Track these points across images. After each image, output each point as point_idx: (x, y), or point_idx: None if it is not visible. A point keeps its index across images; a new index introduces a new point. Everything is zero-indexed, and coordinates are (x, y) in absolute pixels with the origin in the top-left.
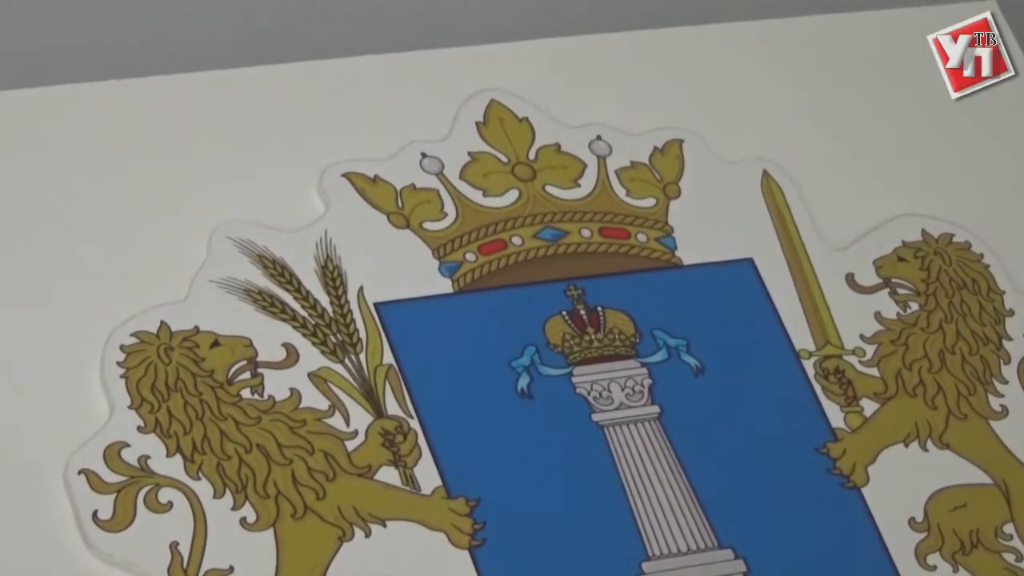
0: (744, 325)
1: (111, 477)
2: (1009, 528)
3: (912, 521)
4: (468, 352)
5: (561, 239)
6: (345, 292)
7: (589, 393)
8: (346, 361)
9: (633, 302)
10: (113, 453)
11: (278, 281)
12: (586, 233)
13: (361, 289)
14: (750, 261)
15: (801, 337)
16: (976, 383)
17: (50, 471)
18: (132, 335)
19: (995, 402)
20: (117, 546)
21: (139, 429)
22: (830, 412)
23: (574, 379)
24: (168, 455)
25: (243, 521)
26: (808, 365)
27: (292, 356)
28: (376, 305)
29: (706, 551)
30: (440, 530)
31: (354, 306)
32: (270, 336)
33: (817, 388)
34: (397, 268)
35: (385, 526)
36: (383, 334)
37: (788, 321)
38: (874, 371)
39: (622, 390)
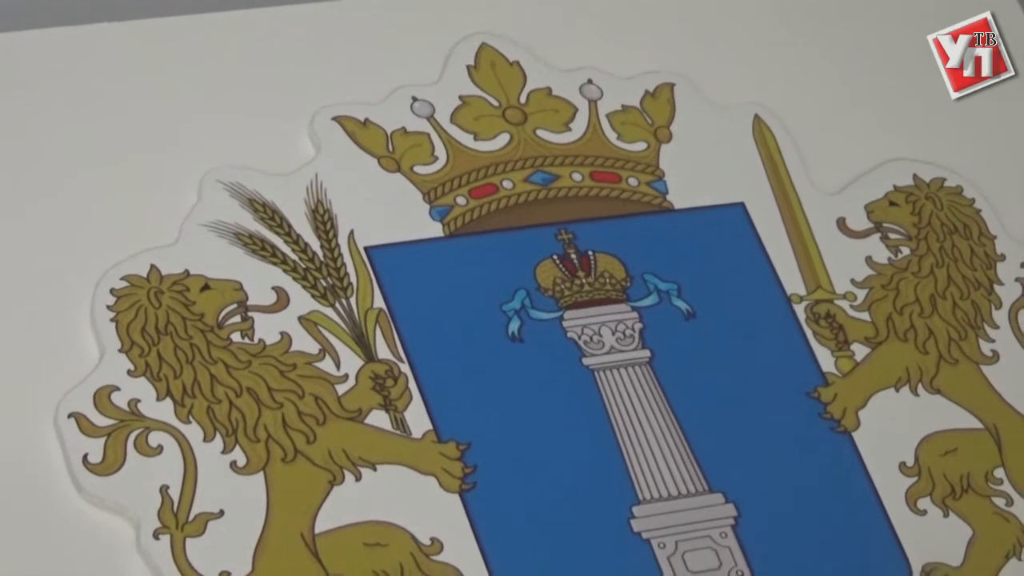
0: (735, 269)
1: (101, 421)
2: (999, 472)
3: (903, 466)
4: (459, 296)
5: (552, 183)
6: (336, 236)
7: (580, 337)
8: (336, 305)
9: (624, 246)
10: (103, 397)
11: (268, 225)
12: (577, 177)
13: (352, 233)
14: (741, 205)
15: (792, 282)
16: (967, 328)
17: (40, 415)
18: (122, 279)
19: (986, 347)
20: (107, 489)
21: (129, 373)
22: (821, 357)
23: (565, 323)
24: (158, 399)
25: (233, 465)
26: (799, 309)
27: (282, 300)
28: (367, 249)
29: (696, 495)
30: (431, 474)
31: (344, 250)
32: (260, 280)
33: (808, 332)
34: (388, 212)
35: (375, 470)
36: (373, 278)
37: (779, 265)
38: (865, 316)
39: (613, 334)
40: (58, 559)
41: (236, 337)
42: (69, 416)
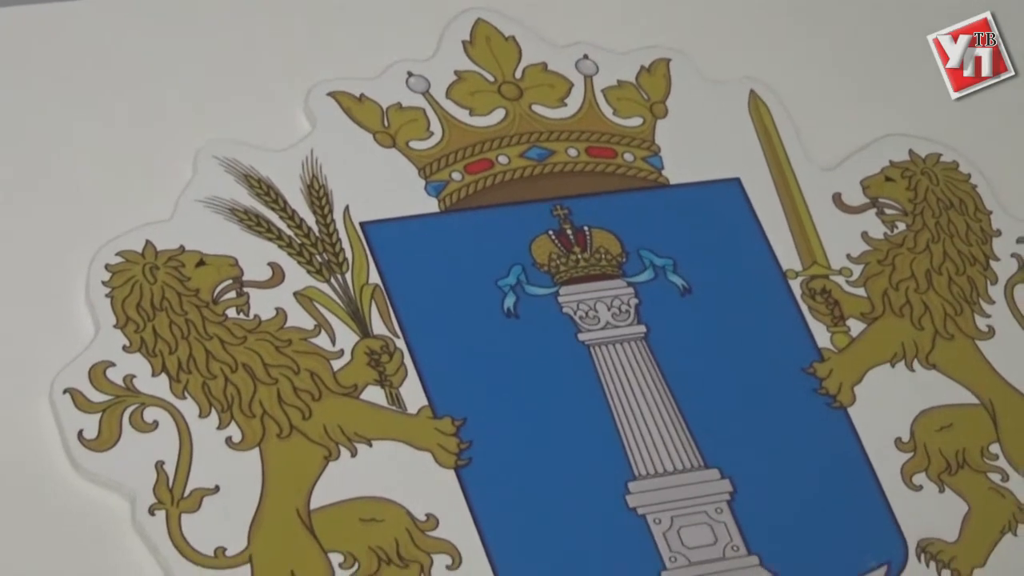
0: (731, 245)
1: (96, 396)
2: (995, 448)
3: (898, 441)
4: (454, 271)
5: (548, 158)
6: (331, 211)
7: (575, 313)
8: (332, 280)
9: (620, 222)
10: (98, 372)
11: (264, 200)
12: (573, 152)
13: (347, 208)
14: (737, 181)
15: (788, 257)
16: (963, 303)
17: (35, 391)
18: (117, 254)
19: (982, 322)
20: (102, 465)
21: (124, 348)
22: (816, 332)
23: (560, 298)
24: (153, 374)
25: (229, 440)
26: (795, 285)
27: (278, 275)
28: (362, 224)
29: (692, 471)
30: (426, 450)
31: (340, 225)
32: (256, 255)
33: (804, 308)
34: (383, 187)
35: (371, 446)
36: (369, 253)
37: (775, 241)
38: (861, 291)
39: (608, 310)
40: (53, 535)
41: (231, 313)
42: (64, 392)
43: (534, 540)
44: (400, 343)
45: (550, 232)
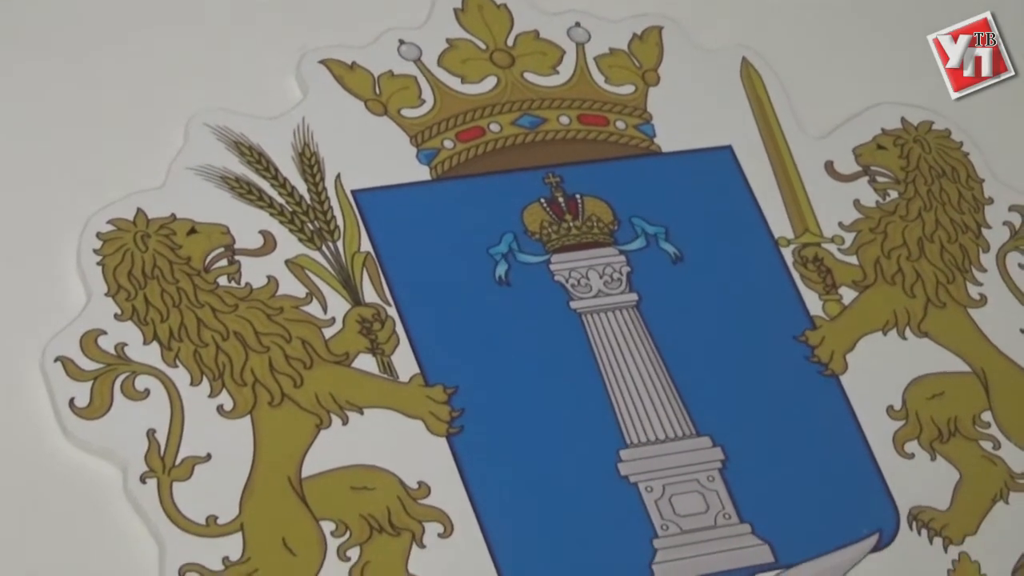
0: (723, 213)
1: (88, 365)
2: (987, 416)
3: (890, 409)
4: (446, 239)
5: (539, 126)
6: (322, 179)
7: (567, 281)
8: (323, 248)
9: (611, 189)
10: (90, 341)
11: (255, 168)
12: (564, 120)
13: (338, 176)
14: (729, 149)
15: (780, 225)
16: (955, 271)
17: (26, 359)
18: (108, 222)
19: (974, 290)
20: (94, 433)
21: (116, 317)
22: (808, 300)
23: (552, 266)
24: (145, 343)
25: (220, 409)
26: (787, 253)
27: (269, 243)
28: (354, 192)
29: (684, 439)
30: (418, 418)
31: (331, 193)
32: (247, 223)
33: (796, 276)
34: (375, 155)
35: (362, 414)
36: (360, 221)
37: (767, 209)
38: (853, 259)
39: (600, 278)
40: (44, 503)
41: (223, 281)
42: (56, 360)
43: (526, 508)
44: (392, 311)
45: (542, 200)
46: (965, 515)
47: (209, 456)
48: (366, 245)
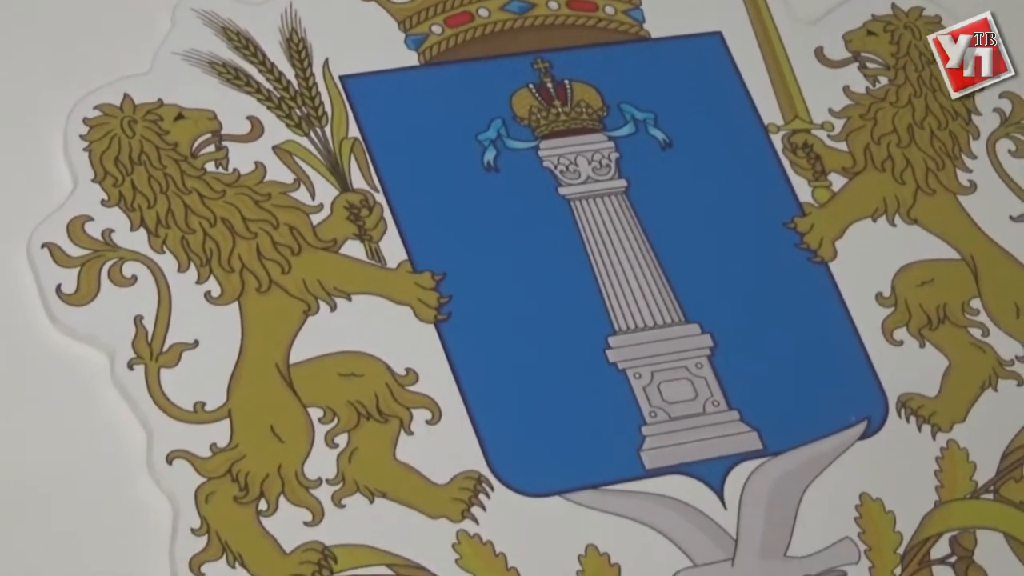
0: (712, 99)
1: (75, 251)
2: (976, 303)
3: (879, 296)
4: (434, 125)
5: (528, 11)
6: (310, 65)
7: (556, 167)
8: (311, 134)
9: (600, 75)
10: (76, 227)
11: (243, 54)
12: (553, 5)
13: (326, 62)
14: (718, 35)
15: (769, 111)
16: (945, 158)
17: (13, 245)
18: (95, 108)
19: (963, 177)
20: (81, 320)
21: (103, 203)
22: (798, 187)
23: (541, 152)
24: (132, 229)
25: (208, 295)
26: (776, 139)
27: (257, 129)
28: (341, 78)
29: (672, 325)
30: (406, 304)
31: (319, 79)
32: (234, 109)
33: (785, 162)
34: (363, 41)
35: (350, 300)
36: (349, 107)
37: (756, 95)
38: (842, 145)
39: (589, 164)
40: (31, 390)
41: (210, 167)
42: (42, 247)
43: (514, 395)
44: (380, 197)
45: (530, 85)
46: (954, 402)
47: (197, 342)
48: (354, 131)
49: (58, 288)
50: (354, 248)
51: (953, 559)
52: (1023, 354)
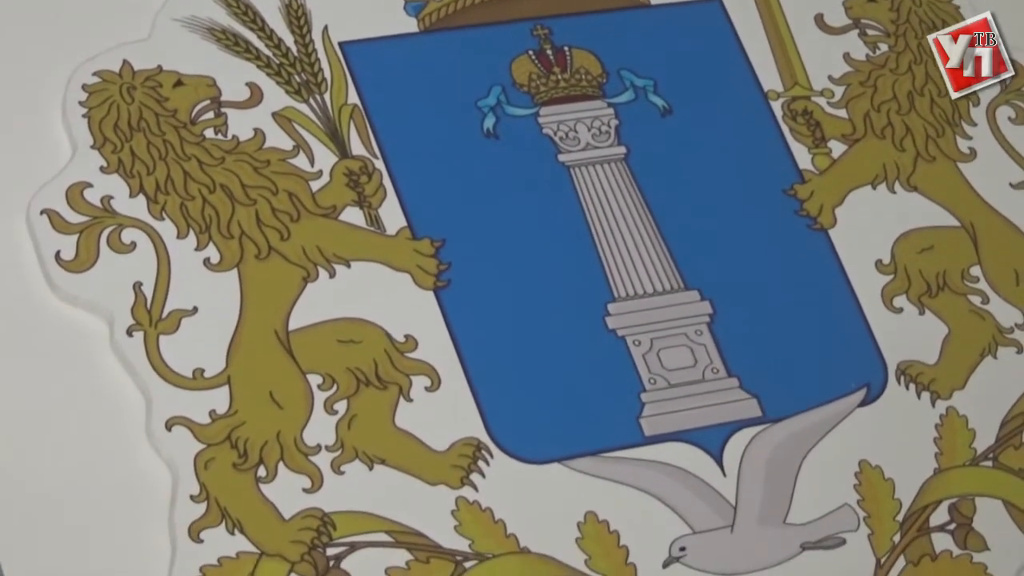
0: (712, 66)
1: (74, 217)
2: (976, 270)
3: (879, 263)
4: (434, 92)
5: None
6: (310, 31)
7: (555, 133)
8: (311, 101)
9: (600, 42)
10: (76, 193)
11: (242, 20)
12: None
13: (326, 28)
14: (718, 1)
15: (769, 78)
16: (945, 125)
17: (12, 212)
18: (94, 74)
19: (963, 144)
20: (80, 286)
21: (102, 169)
22: (798, 154)
23: (540, 119)
24: (131, 195)
25: (207, 262)
26: (776, 106)
27: (256, 96)
28: (341, 44)
29: (672, 292)
30: (405, 271)
31: (319, 45)
32: (234, 75)
33: (785, 129)
34: (362, 7)
35: (349, 267)
36: (348, 74)
37: (756, 62)
38: (842, 112)
39: (588, 130)
40: (31, 356)
41: (209, 133)
42: (42, 213)
43: (513, 362)
44: (379, 164)
45: (530, 52)
46: (953, 370)
47: (196, 309)
48: (353, 97)
49: (57, 255)
50: (353, 215)
51: (952, 526)
52: (1023, 321)
